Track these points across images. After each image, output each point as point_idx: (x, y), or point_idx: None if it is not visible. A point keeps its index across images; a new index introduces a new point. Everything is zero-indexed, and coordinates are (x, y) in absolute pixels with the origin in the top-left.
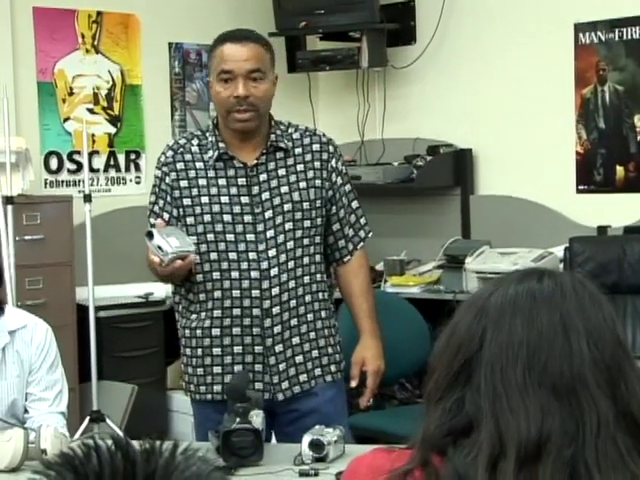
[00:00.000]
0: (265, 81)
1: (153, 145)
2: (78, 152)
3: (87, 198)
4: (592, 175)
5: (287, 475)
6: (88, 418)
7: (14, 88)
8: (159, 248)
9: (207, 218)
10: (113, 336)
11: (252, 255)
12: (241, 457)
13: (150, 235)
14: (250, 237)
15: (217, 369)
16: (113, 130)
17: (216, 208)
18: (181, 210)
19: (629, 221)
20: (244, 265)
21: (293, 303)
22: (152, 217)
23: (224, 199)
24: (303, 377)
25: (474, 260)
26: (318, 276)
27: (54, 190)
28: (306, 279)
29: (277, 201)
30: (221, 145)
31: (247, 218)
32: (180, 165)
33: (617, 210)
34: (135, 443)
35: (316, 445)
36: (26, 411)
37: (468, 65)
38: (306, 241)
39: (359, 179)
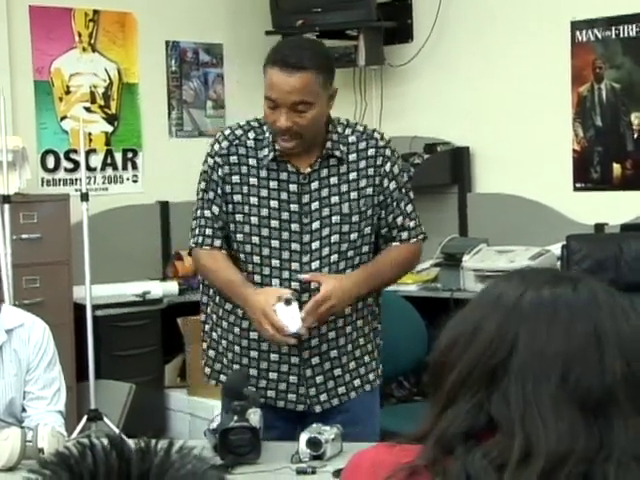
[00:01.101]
0: (312, 109)
1: (150, 143)
2: (75, 151)
3: (84, 197)
4: (589, 173)
5: (284, 473)
6: (86, 417)
7: (11, 87)
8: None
9: (254, 220)
10: (111, 335)
11: (295, 265)
12: (238, 455)
13: (288, 301)
14: (295, 247)
15: (253, 371)
16: (110, 129)
17: (264, 212)
18: (231, 206)
19: (626, 219)
20: (285, 274)
21: (332, 316)
22: (205, 208)
23: (273, 203)
24: (341, 389)
25: (471, 258)
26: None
27: (51, 189)
28: None
29: (326, 212)
30: (277, 147)
31: (294, 227)
32: (234, 158)
33: (614, 208)
34: (131, 442)
35: (313, 443)
36: (24, 410)
37: (465, 63)
38: (350, 253)
39: None
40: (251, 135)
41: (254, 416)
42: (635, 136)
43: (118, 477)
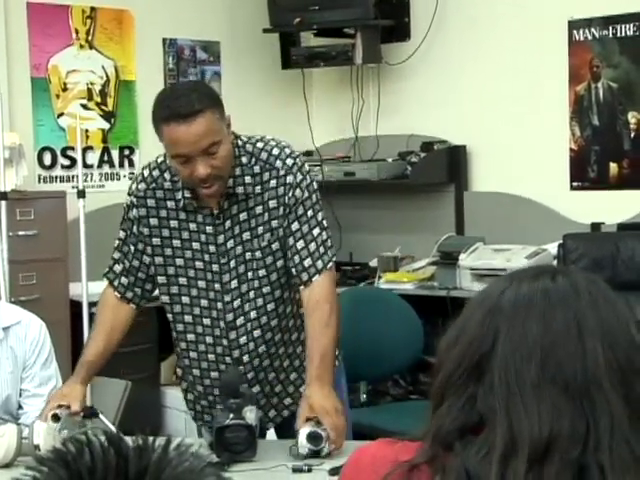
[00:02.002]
0: (222, 145)
1: (147, 141)
2: (72, 148)
3: (81, 194)
4: (586, 172)
5: (280, 471)
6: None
7: (8, 84)
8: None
9: (179, 262)
10: None
11: (219, 305)
12: (234, 453)
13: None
14: (217, 287)
15: (200, 388)
16: (107, 126)
17: (188, 254)
18: (149, 248)
19: (623, 218)
20: (214, 313)
21: (262, 349)
22: (117, 246)
23: (195, 245)
24: (288, 400)
25: (468, 256)
26: (288, 313)
27: (48, 186)
28: (273, 322)
29: (239, 250)
30: (186, 193)
31: (215, 267)
32: (151, 202)
33: (611, 207)
34: (128, 439)
35: (314, 437)
36: (20, 407)
37: (462, 62)
38: (266, 289)
39: (353, 175)
40: (167, 176)
41: (250, 414)
42: (632, 135)
43: (116, 474)
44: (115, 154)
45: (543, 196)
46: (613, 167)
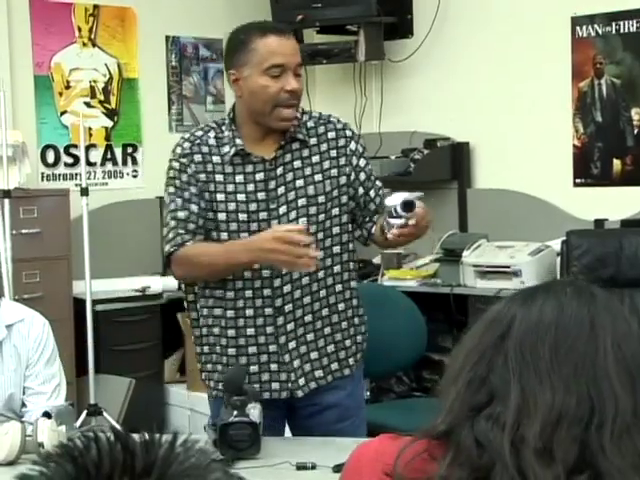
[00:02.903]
0: (301, 75)
1: (150, 139)
2: (75, 145)
3: (84, 191)
4: (589, 168)
5: (284, 468)
6: (85, 412)
7: (11, 81)
8: None
9: (222, 216)
10: (110, 330)
11: None
12: (238, 450)
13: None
14: None
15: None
16: (110, 123)
17: (232, 206)
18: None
19: (626, 214)
20: (256, 264)
21: (307, 300)
22: (179, 209)
23: (240, 197)
24: (319, 373)
25: (471, 253)
26: (336, 268)
27: (51, 184)
28: (320, 274)
29: (292, 196)
30: (238, 142)
31: (262, 215)
32: (198, 157)
33: (614, 203)
34: (134, 436)
35: (407, 204)
36: (24, 405)
37: (465, 58)
38: (320, 235)
39: None
40: (211, 134)
41: (254, 411)
42: (635, 132)
43: (122, 469)
44: (118, 152)
45: (546, 193)
46: (616, 163)
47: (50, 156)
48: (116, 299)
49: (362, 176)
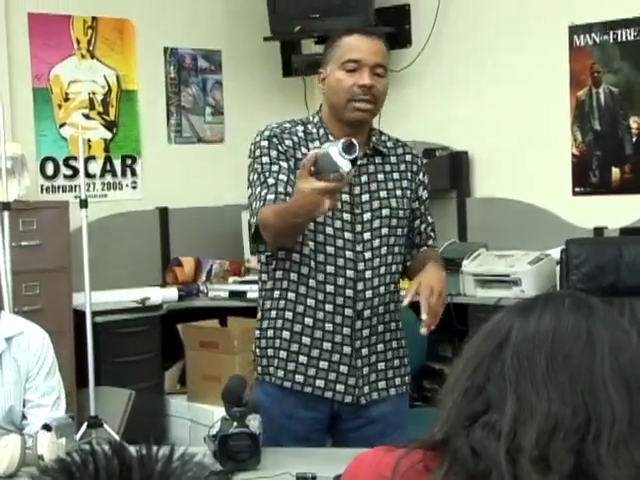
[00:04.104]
0: (385, 77)
1: (149, 150)
2: (74, 157)
3: (83, 203)
4: (588, 177)
5: (285, 479)
6: (86, 424)
7: (9, 94)
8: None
9: None
10: (110, 341)
11: (349, 254)
12: (238, 461)
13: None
14: (348, 236)
15: (303, 359)
16: (109, 135)
17: None
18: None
19: (625, 222)
20: (340, 262)
21: (381, 309)
22: (268, 177)
23: None
24: (382, 384)
25: (471, 263)
26: (399, 286)
27: (50, 196)
28: (392, 287)
29: (376, 205)
30: (332, 139)
31: (346, 216)
32: (288, 142)
33: (613, 212)
34: (132, 448)
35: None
36: (24, 417)
37: (463, 68)
38: (396, 249)
39: None
40: (300, 128)
41: (254, 422)
42: (634, 140)
43: None
44: (117, 163)
45: (545, 201)
46: (615, 172)
47: (49, 168)
48: (116, 311)
49: (422, 208)
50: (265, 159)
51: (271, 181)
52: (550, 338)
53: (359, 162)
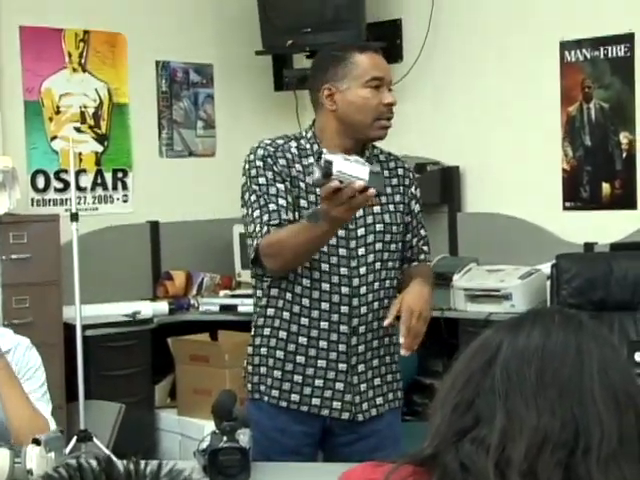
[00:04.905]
0: None
1: (140, 163)
2: (65, 171)
3: (74, 217)
4: (578, 192)
5: None
6: (75, 437)
7: (1, 107)
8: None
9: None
10: (100, 355)
11: (343, 270)
12: (228, 476)
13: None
14: (342, 252)
15: (297, 378)
16: (100, 149)
17: None
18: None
19: (615, 238)
20: (335, 279)
21: (376, 325)
22: (268, 203)
23: None
24: (379, 400)
25: (461, 277)
26: (393, 301)
27: (41, 209)
28: (385, 302)
29: (370, 220)
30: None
31: (340, 232)
32: (282, 161)
33: (603, 227)
34: (120, 463)
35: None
36: None
37: (455, 83)
38: (390, 264)
39: None
40: (293, 144)
41: (244, 436)
42: (624, 155)
43: None
44: (108, 177)
45: (536, 216)
46: (605, 187)
47: (40, 181)
48: (106, 324)
49: (415, 222)
50: (262, 180)
51: (272, 207)
52: (540, 353)
53: None
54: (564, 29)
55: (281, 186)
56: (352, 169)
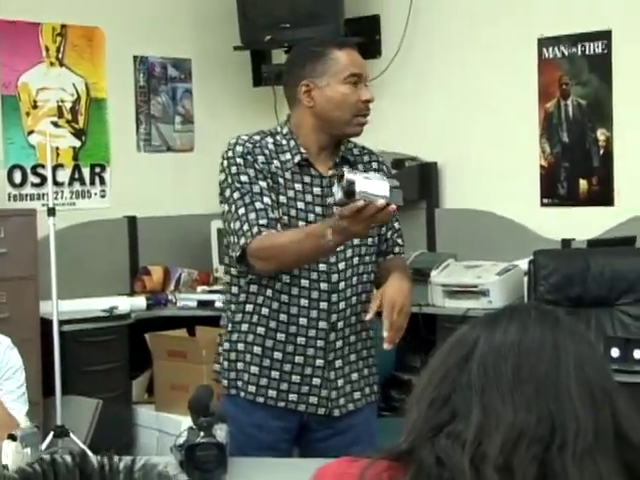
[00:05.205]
0: None
1: (118, 158)
2: (42, 165)
3: (51, 212)
4: (556, 188)
5: None
6: (52, 433)
7: None
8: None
9: (285, 220)
10: (78, 350)
11: (322, 266)
12: (205, 471)
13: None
14: None
15: (275, 374)
16: (78, 143)
17: (292, 212)
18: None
19: (592, 234)
20: (314, 275)
21: (354, 319)
22: (253, 202)
23: (300, 204)
24: (357, 395)
25: (439, 273)
26: (371, 295)
27: (18, 204)
28: (363, 297)
29: None
30: (303, 150)
31: None
32: (262, 158)
33: (581, 223)
34: (95, 458)
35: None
36: None
37: (433, 79)
38: (367, 258)
39: None
40: (269, 140)
41: (220, 432)
42: (601, 152)
43: None
44: (86, 172)
45: (514, 213)
46: (583, 184)
47: (17, 176)
48: (83, 319)
49: None
50: (244, 177)
51: (259, 205)
52: (516, 349)
53: (331, 172)
54: (542, 26)
55: (264, 184)
56: (374, 187)
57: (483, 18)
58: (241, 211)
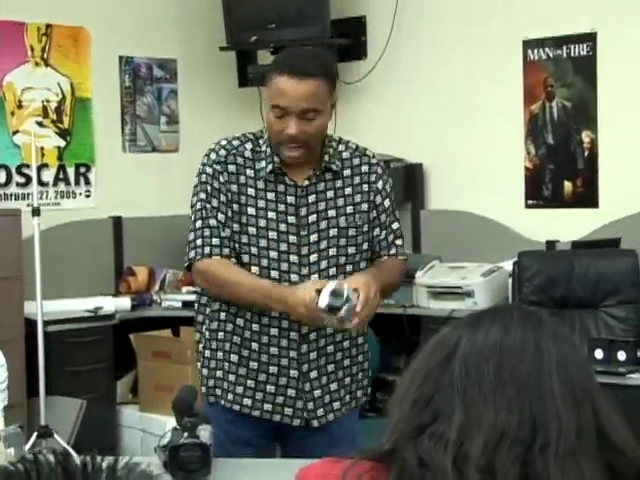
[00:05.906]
0: (320, 117)
1: (103, 159)
2: (27, 165)
3: (36, 212)
4: (541, 190)
5: None
6: (36, 433)
7: None
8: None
9: (252, 230)
10: (62, 351)
11: (294, 277)
12: (189, 472)
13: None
14: (293, 259)
15: (250, 383)
16: (63, 143)
17: (262, 223)
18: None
19: (577, 236)
20: (285, 285)
21: (329, 330)
22: (208, 217)
23: (271, 214)
24: (336, 404)
25: (424, 274)
26: None
27: (2, 204)
28: None
29: (323, 225)
30: (276, 159)
31: (292, 238)
32: (232, 168)
33: (565, 225)
34: (77, 458)
35: (336, 294)
36: None
37: (419, 80)
38: (349, 268)
39: None
40: (248, 146)
41: (204, 432)
42: (586, 154)
43: None
44: (71, 172)
45: (499, 214)
46: (567, 185)
47: (1, 176)
48: (68, 320)
49: (384, 217)
50: (208, 188)
51: (212, 222)
52: (498, 349)
53: (308, 182)
54: (527, 28)
55: (222, 197)
56: (344, 310)
57: (468, 20)
58: (198, 224)
